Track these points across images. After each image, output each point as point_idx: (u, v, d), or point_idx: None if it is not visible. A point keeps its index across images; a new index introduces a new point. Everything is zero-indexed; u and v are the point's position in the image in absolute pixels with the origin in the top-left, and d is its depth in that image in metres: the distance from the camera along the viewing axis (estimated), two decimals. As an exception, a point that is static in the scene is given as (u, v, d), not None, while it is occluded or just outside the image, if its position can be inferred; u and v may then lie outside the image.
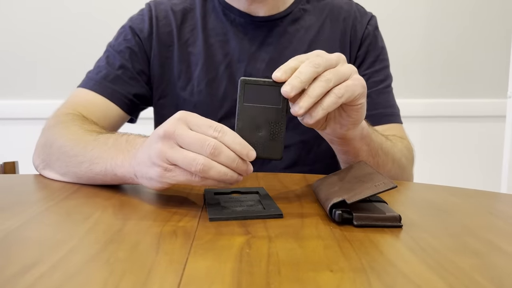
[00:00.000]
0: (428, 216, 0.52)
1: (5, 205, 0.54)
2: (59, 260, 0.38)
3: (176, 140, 0.49)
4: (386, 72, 0.91)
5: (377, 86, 0.88)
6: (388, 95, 0.90)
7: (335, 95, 0.51)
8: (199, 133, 0.49)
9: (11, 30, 1.67)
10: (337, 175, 0.59)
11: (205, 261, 0.38)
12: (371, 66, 0.89)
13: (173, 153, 0.49)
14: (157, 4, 0.89)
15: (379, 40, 0.92)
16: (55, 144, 0.67)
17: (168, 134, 0.49)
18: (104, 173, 0.59)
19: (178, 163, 0.49)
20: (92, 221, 0.48)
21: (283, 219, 0.50)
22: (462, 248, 0.42)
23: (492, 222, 0.51)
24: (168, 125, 0.50)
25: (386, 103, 0.88)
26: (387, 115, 0.87)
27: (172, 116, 0.51)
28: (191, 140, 0.48)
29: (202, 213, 0.51)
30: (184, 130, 0.49)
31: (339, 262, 0.38)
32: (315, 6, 0.90)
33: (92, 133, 0.65)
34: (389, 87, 0.90)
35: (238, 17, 0.86)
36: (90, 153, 0.61)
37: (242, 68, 0.85)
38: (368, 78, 0.88)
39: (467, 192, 0.63)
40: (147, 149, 0.52)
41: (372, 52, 0.90)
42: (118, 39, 0.87)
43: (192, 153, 0.48)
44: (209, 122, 0.49)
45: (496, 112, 1.79)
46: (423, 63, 1.80)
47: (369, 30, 0.90)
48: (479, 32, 1.80)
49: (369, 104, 0.88)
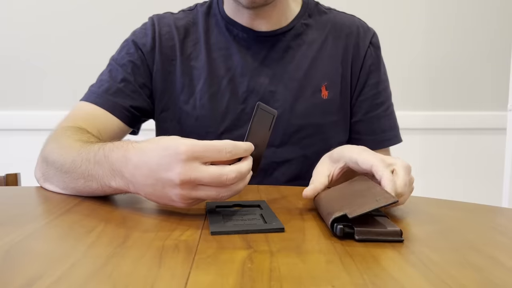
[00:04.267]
0: (429, 231, 0.52)
1: (8, 218, 0.54)
2: (63, 274, 0.38)
3: (195, 183, 0.50)
4: (387, 93, 0.93)
5: (378, 109, 0.90)
6: (389, 118, 0.92)
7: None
8: (211, 170, 0.49)
9: (16, 41, 1.69)
10: (338, 189, 0.59)
11: (208, 275, 0.38)
12: (373, 88, 0.90)
13: (196, 193, 0.51)
14: (160, 18, 0.90)
15: (381, 60, 0.93)
16: (49, 160, 0.67)
17: (185, 182, 0.49)
18: (101, 189, 0.59)
19: (203, 197, 0.52)
20: (95, 235, 0.48)
21: (284, 233, 0.50)
22: (463, 263, 0.42)
23: (494, 237, 0.51)
24: (180, 171, 0.49)
25: (388, 126, 0.92)
26: (389, 139, 0.92)
27: (176, 154, 0.49)
28: (210, 180, 0.50)
29: (204, 227, 0.51)
30: (200, 172, 0.49)
31: (341, 277, 0.38)
32: (317, 21, 0.91)
33: (76, 146, 0.64)
34: (389, 109, 0.93)
35: (241, 32, 0.87)
36: (80, 170, 0.60)
37: (245, 82, 0.86)
38: (369, 101, 0.90)
39: (468, 206, 0.63)
40: (159, 191, 0.52)
41: (375, 73, 0.91)
42: (121, 53, 0.88)
43: (213, 189, 0.51)
44: (216, 148, 0.50)
45: (497, 125, 1.80)
46: (424, 76, 1.81)
47: (371, 50, 0.91)
48: (479, 45, 1.82)
49: (370, 129, 0.91)
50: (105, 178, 0.57)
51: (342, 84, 0.89)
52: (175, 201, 0.52)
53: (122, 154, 0.54)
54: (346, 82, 0.89)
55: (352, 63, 0.90)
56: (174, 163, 0.49)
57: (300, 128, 0.86)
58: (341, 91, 0.89)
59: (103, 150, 0.58)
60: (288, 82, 0.86)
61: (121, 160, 0.54)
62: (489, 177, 1.82)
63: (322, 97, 0.87)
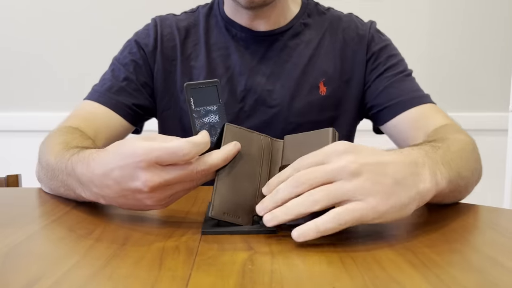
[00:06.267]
0: (430, 232, 0.52)
1: (8, 219, 0.54)
2: (62, 276, 0.38)
3: (165, 185, 0.48)
4: (403, 64, 0.90)
5: (397, 76, 0.87)
6: (411, 81, 0.88)
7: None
8: (177, 168, 0.47)
9: (18, 42, 1.69)
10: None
11: (208, 277, 0.38)
12: (386, 62, 0.88)
13: (170, 192, 0.49)
14: (163, 19, 0.91)
15: (386, 39, 0.92)
16: (40, 162, 0.67)
17: (153, 188, 0.47)
18: (82, 197, 0.57)
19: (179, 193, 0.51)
20: (95, 236, 0.48)
21: (285, 234, 0.50)
22: (464, 264, 0.42)
23: (495, 238, 0.51)
24: (145, 178, 0.46)
25: (412, 88, 0.86)
26: (417, 97, 0.84)
27: (135, 162, 0.46)
28: (179, 178, 0.48)
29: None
30: (165, 174, 0.47)
31: (342, 278, 0.38)
32: (316, 20, 0.91)
33: (55, 151, 0.62)
34: (410, 76, 0.89)
35: (239, 32, 0.88)
36: (59, 179, 0.59)
37: (242, 81, 0.87)
38: (386, 73, 0.87)
39: (469, 207, 0.63)
40: (131, 199, 0.50)
41: (384, 50, 0.89)
42: (124, 52, 0.89)
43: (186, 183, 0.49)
44: (172, 150, 0.46)
45: (498, 126, 1.79)
46: (425, 77, 1.80)
47: (373, 33, 0.90)
48: (481, 46, 1.82)
49: (394, 93, 0.86)
50: (77, 190, 0.55)
51: (341, 78, 0.89)
52: (152, 205, 0.50)
53: (86, 168, 0.52)
54: (346, 76, 0.89)
55: (353, 55, 0.89)
56: (137, 172, 0.47)
57: (298, 126, 0.86)
58: (340, 85, 0.88)
59: (71, 162, 0.56)
60: (285, 80, 0.87)
61: (86, 174, 0.52)
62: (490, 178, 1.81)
63: (320, 94, 0.87)
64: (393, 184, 0.45)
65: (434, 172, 0.49)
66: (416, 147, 0.53)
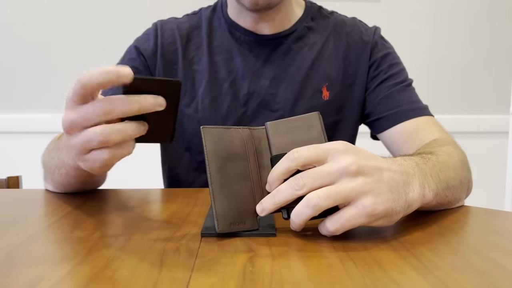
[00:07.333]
0: (431, 234, 0.52)
1: (9, 221, 0.54)
2: (64, 277, 0.38)
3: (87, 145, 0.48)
4: (404, 73, 0.90)
5: (397, 86, 0.87)
6: (410, 92, 0.88)
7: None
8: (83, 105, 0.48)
9: (20, 44, 1.69)
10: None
11: (209, 278, 0.38)
12: (388, 71, 0.89)
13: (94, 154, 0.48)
14: (164, 23, 0.91)
15: (389, 47, 0.92)
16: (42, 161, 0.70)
17: (68, 125, 0.50)
18: (70, 166, 0.57)
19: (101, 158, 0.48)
20: (96, 237, 0.48)
21: (285, 236, 0.50)
22: (465, 267, 0.42)
23: (496, 240, 0.51)
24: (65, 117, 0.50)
25: (410, 99, 0.86)
26: (414, 109, 0.84)
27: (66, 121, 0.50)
28: (82, 115, 0.49)
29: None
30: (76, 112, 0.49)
31: (342, 280, 0.38)
32: (319, 24, 0.91)
33: (49, 144, 0.69)
34: (410, 86, 0.89)
35: (243, 35, 0.88)
36: (54, 161, 0.63)
37: (245, 85, 0.86)
38: (387, 82, 0.88)
39: (470, 210, 0.63)
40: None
41: (386, 58, 0.90)
42: (124, 59, 0.90)
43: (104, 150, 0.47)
44: (88, 112, 0.48)
45: (499, 128, 1.79)
46: (426, 80, 1.81)
47: (377, 40, 0.91)
48: (482, 48, 1.82)
49: (392, 102, 0.87)
50: (70, 162, 0.56)
51: (344, 82, 0.89)
52: (88, 158, 0.48)
53: (64, 136, 0.54)
54: (349, 80, 0.89)
55: (357, 60, 0.89)
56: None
57: None
58: (343, 89, 0.89)
59: (60, 139, 0.60)
60: (288, 84, 0.87)
61: (64, 142, 0.54)
62: (491, 180, 1.82)
63: (323, 98, 0.87)
64: (387, 191, 0.46)
65: (422, 184, 0.51)
66: (407, 157, 0.54)
